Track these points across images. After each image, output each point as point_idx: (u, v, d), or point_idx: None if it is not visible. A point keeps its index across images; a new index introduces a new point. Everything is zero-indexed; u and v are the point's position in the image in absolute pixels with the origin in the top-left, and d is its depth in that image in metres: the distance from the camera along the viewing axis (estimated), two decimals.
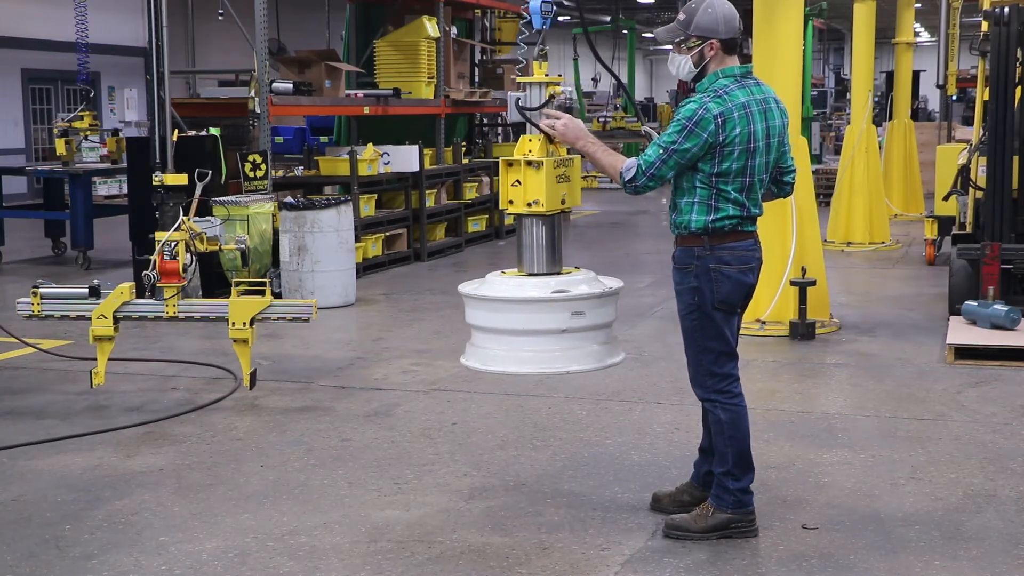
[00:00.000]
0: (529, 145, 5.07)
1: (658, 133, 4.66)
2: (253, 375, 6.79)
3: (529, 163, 5.02)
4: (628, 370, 7.52)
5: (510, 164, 5.03)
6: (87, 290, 6.71)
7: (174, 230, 6.92)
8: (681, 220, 4.59)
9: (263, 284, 6.94)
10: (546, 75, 5.03)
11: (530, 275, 5.03)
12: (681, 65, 4.66)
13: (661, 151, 4.49)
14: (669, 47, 4.75)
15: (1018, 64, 8.59)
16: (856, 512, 4.94)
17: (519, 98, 5.07)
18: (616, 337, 5.09)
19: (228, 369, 7.48)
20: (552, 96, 4.99)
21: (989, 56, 8.84)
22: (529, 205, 4.94)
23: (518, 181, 4.94)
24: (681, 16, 4.64)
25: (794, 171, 4.88)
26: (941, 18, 17.92)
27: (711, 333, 4.61)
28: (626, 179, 4.57)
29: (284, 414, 6.56)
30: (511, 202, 5.04)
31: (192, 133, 10.48)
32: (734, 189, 4.52)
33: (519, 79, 5.13)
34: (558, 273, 5.04)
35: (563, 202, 5.02)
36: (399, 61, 13.64)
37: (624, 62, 32.81)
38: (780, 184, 4.84)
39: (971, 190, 9.90)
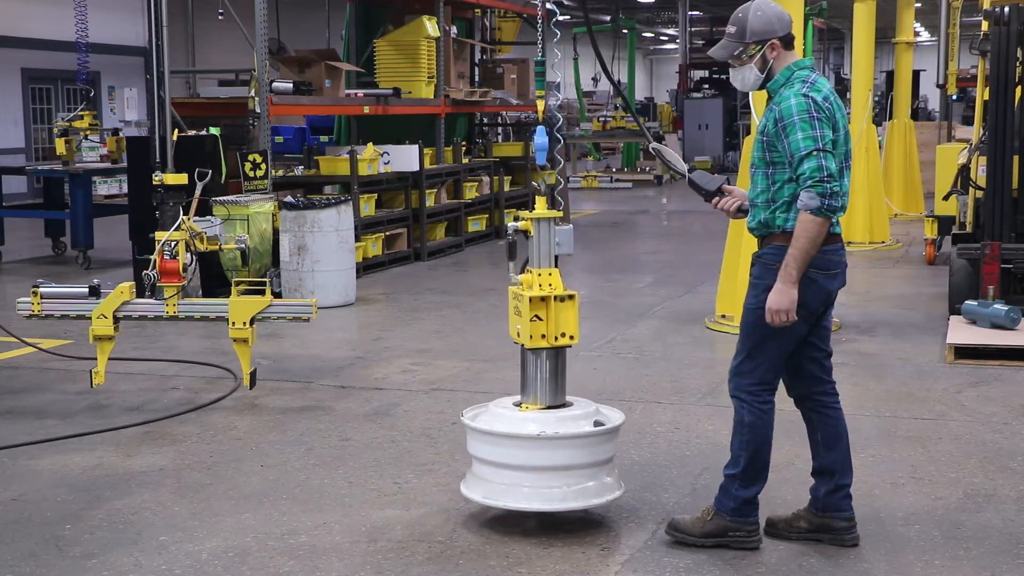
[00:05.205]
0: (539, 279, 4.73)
1: (661, 138, 4.51)
2: (253, 375, 6.79)
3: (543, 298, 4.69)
4: (628, 370, 7.53)
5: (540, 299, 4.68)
6: (87, 290, 6.72)
7: (174, 230, 6.93)
8: (770, 219, 4.44)
9: (263, 284, 6.94)
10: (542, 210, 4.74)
11: (530, 407, 4.78)
12: (747, 76, 4.50)
13: (817, 152, 4.25)
14: (722, 57, 4.54)
15: (1018, 64, 8.59)
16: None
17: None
18: (616, 471, 4.86)
19: (228, 369, 7.47)
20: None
21: (989, 56, 8.84)
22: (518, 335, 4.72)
23: (537, 316, 4.65)
24: (731, 29, 4.46)
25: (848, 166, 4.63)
26: (941, 18, 17.93)
27: (772, 332, 4.41)
28: (818, 206, 4.25)
29: (284, 414, 6.56)
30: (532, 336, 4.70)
31: (192, 133, 10.49)
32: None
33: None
34: (560, 406, 4.80)
35: (519, 334, 4.72)
36: (399, 61, 13.65)
37: (624, 62, 32.80)
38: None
39: (971, 190, 9.91)
